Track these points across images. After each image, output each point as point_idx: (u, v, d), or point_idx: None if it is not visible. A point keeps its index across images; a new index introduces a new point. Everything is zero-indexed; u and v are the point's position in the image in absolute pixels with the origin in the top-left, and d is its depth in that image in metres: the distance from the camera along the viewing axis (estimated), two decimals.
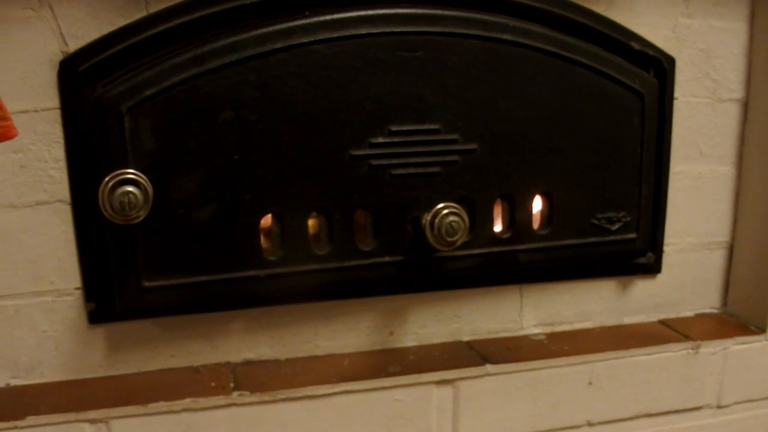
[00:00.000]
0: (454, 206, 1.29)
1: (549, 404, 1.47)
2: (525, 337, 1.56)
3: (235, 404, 1.27)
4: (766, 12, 1.55)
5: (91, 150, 1.20)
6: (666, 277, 1.65)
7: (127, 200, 1.12)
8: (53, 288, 1.27)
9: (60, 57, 1.20)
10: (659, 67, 1.51)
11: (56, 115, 1.21)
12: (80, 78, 1.20)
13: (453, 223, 1.28)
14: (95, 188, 1.15)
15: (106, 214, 1.14)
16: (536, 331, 1.58)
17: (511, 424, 1.46)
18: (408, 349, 1.48)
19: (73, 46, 1.20)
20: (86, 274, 1.27)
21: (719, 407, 1.63)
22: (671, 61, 1.52)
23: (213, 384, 1.30)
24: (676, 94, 1.55)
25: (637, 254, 1.57)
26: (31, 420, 1.19)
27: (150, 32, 1.21)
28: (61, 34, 1.19)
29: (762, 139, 1.59)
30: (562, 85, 1.39)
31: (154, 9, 1.22)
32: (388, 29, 1.26)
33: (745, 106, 1.62)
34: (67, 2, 1.18)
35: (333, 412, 1.33)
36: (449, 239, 1.28)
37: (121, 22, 1.21)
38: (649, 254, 1.59)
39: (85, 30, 1.20)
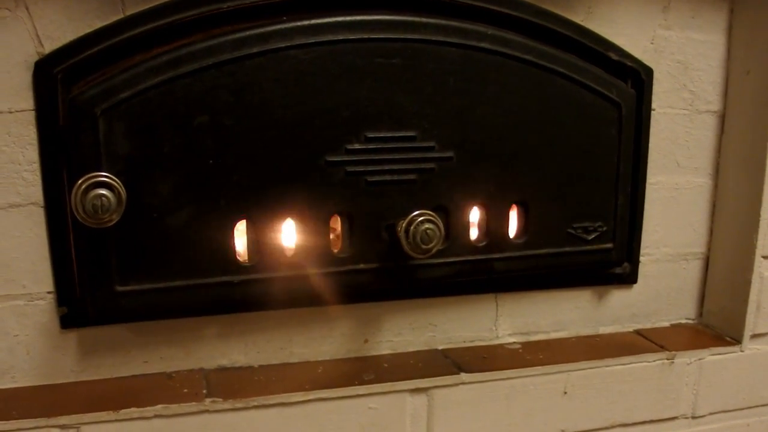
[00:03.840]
0: (429, 214, 1.28)
1: (523, 413, 1.47)
2: (500, 346, 1.56)
3: (207, 411, 1.26)
4: (743, 25, 1.56)
5: (65, 152, 1.20)
6: (642, 287, 1.65)
7: (99, 203, 1.11)
8: (25, 292, 1.26)
9: (35, 58, 1.19)
10: (637, 78, 1.52)
11: (30, 117, 1.20)
12: (55, 79, 1.19)
13: (428, 231, 1.27)
14: (69, 191, 1.14)
15: (78, 217, 1.13)
16: (512, 340, 1.58)
17: None
18: (383, 357, 1.48)
19: (49, 47, 1.19)
20: (59, 278, 1.26)
21: (694, 417, 1.63)
22: (649, 72, 1.53)
23: (186, 390, 1.29)
24: (654, 105, 1.55)
25: (613, 264, 1.58)
26: (1, 425, 1.18)
27: (126, 34, 1.21)
28: (37, 35, 1.18)
29: (738, 151, 1.60)
30: (540, 94, 1.39)
31: (130, 11, 1.21)
32: (365, 35, 1.26)
33: (722, 118, 1.63)
34: (43, 3, 1.18)
35: (306, 420, 1.32)
36: (424, 247, 1.28)
37: (98, 24, 1.20)
38: (625, 264, 1.60)
39: (61, 31, 1.19)
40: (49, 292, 1.27)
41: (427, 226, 1.28)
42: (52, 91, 1.19)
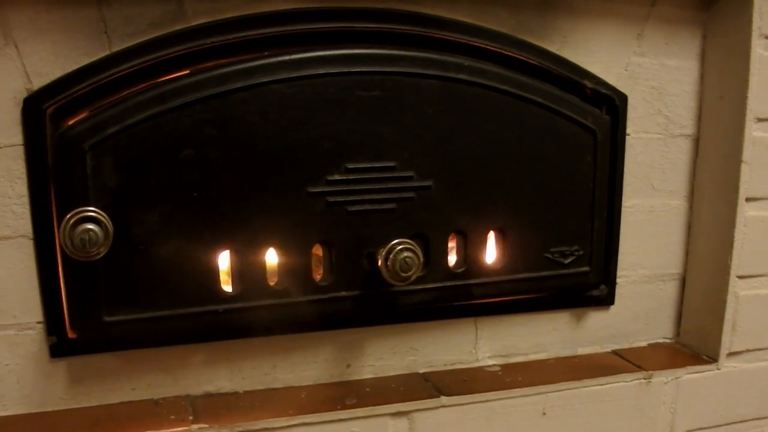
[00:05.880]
0: (408, 242, 1.31)
1: None
2: (480, 369, 1.58)
3: None
4: (716, 51, 1.59)
5: (54, 187, 1.22)
6: (619, 308, 1.68)
7: (87, 237, 1.13)
8: (16, 322, 1.28)
9: (24, 94, 1.21)
10: (611, 105, 1.55)
11: (20, 152, 1.22)
12: (44, 115, 1.21)
13: (407, 259, 1.30)
14: (58, 224, 1.16)
15: (67, 251, 1.15)
16: (491, 362, 1.60)
17: None
18: (365, 381, 1.50)
19: (38, 83, 1.21)
20: (48, 308, 1.28)
21: None
22: (624, 98, 1.56)
23: (172, 417, 1.31)
24: (629, 130, 1.58)
25: (591, 287, 1.60)
26: None
27: (113, 70, 1.23)
28: (26, 72, 1.20)
29: (712, 173, 1.63)
30: (516, 123, 1.42)
31: (117, 48, 1.24)
32: (346, 69, 1.28)
33: (697, 141, 1.66)
34: (32, 40, 1.20)
35: None
36: (403, 275, 1.31)
37: (85, 61, 1.23)
38: (602, 287, 1.62)
39: (49, 68, 1.21)
40: (38, 322, 1.29)
41: (406, 254, 1.30)
42: (41, 127, 1.21)
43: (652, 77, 1.59)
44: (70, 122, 1.20)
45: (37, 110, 1.21)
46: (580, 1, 1.49)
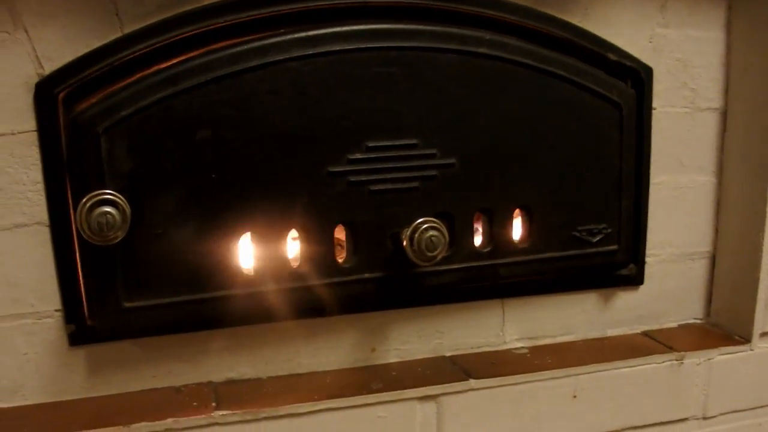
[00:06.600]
0: (433, 221, 1.28)
1: (533, 418, 1.47)
2: (508, 351, 1.55)
3: (217, 423, 1.26)
4: (742, 20, 1.56)
5: (69, 171, 1.20)
6: (648, 288, 1.65)
7: (105, 221, 1.12)
8: (33, 310, 1.26)
9: (36, 79, 1.19)
10: (637, 78, 1.51)
11: (33, 138, 1.20)
12: (56, 100, 1.19)
13: (433, 238, 1.27)
14: (74, 210, 1.15)
15: (84, 235, 1.13)
16: (519, 344, 1.57)
17: None
18: (390, 365, 1.48)
19: (49, 68, 1.19)
20: (66, 295, 1.27)
21: (705, 418, 1.63)
22: (648, 71, 1.53)
23: (195, 403, 1.29)
24: (655, 104, 1.55)
25: (619, 266, 1.57)
26: None
27: (125, 53, 1.21)
28: (37, 57, 1.18)
29: (742, 147, 1.60)
30: (540, 98, 1.39)
31: (128, 30, 1.22)
32: (362, 45, 1.26)
33: (724, 115, 1.62)
34: (42, 25, 1.18)
35: (316, 430, 1.32)
36: (429, 254, 1.28)
37: (96, 44, 1.21)
38: (631, 266, 1.59)
39: (60, 52, 1.19)
40: (56, 310, 1.27)
41: (431, 233, 1.27)
42: (54, 112, 1.20)
43: (676, 49, 1.56)
44: (83, 106, 1.18)
45: (49, 95, 1.19)
46: None
